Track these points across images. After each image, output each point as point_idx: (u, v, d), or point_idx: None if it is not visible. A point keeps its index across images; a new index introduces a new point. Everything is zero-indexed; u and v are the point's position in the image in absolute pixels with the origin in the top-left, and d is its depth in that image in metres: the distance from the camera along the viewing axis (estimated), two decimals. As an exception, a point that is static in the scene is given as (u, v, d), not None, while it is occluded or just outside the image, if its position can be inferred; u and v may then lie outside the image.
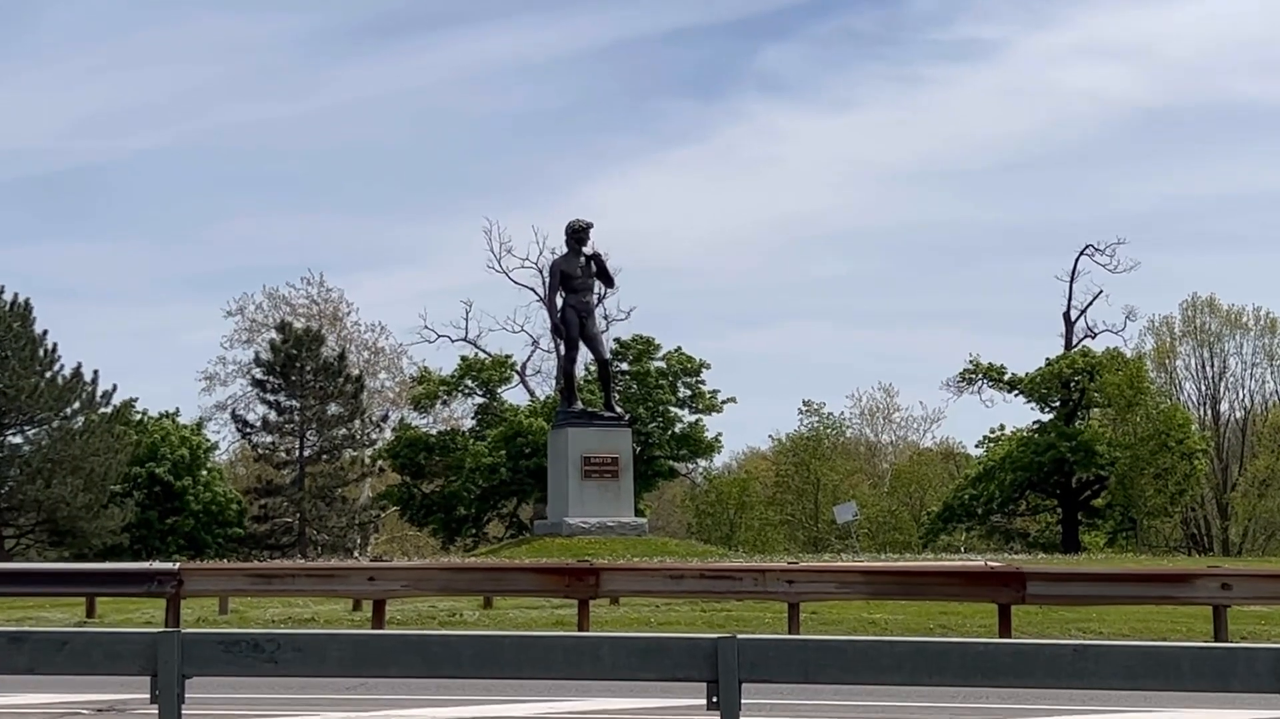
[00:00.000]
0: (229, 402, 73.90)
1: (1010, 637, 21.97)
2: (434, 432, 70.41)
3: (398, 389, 78.50)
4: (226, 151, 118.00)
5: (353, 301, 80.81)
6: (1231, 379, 75.29)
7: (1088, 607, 25.17)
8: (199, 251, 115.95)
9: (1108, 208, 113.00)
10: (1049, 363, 67.42)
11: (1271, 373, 75.94)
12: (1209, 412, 74.98)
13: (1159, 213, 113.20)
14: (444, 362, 78.02)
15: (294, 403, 61.37)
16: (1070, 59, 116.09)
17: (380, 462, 67.34)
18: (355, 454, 64.71)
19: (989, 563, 32.25)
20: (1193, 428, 67.04)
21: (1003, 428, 71.51)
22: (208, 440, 65.20)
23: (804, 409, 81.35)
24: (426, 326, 73.98)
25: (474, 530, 67.85)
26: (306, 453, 61.47)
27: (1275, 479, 73.82)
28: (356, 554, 61.93)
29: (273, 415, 62.18)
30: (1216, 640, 22.13)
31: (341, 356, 64.46)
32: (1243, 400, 76.06)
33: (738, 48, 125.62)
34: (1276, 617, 25.75)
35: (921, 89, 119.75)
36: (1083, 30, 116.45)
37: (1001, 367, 69.92)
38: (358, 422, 63.40)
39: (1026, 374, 68.21)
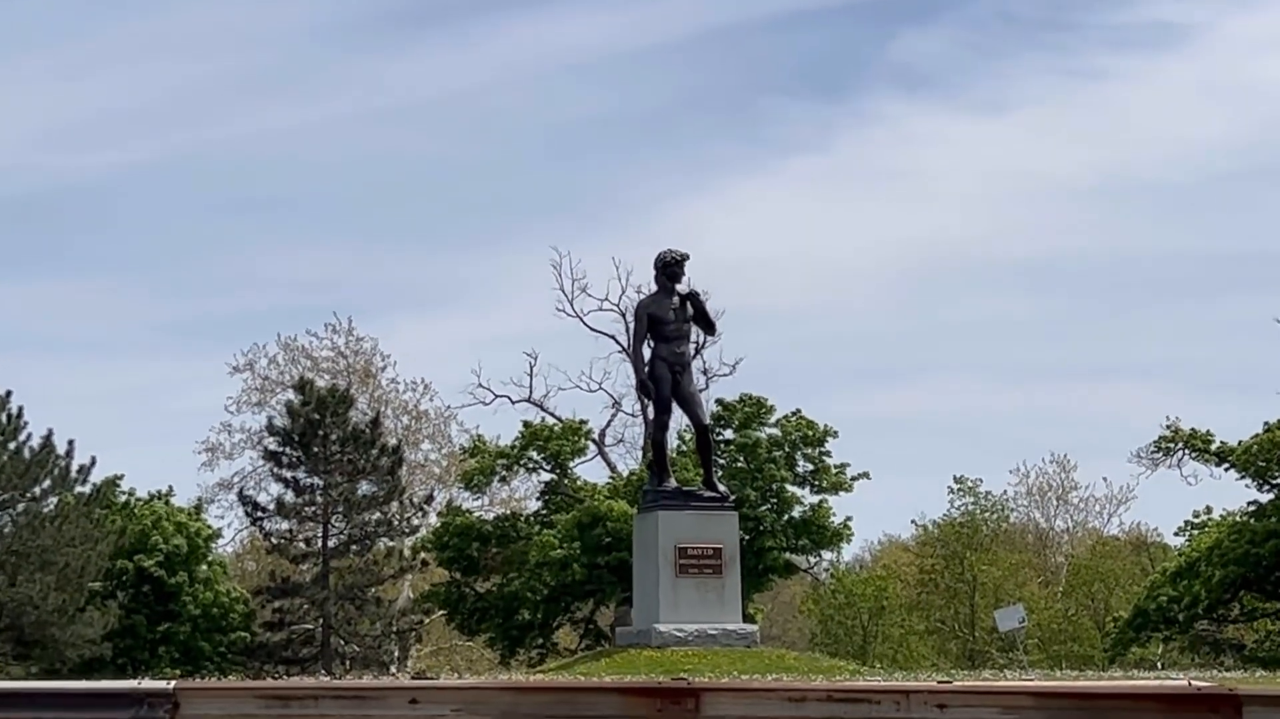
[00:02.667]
0: (235, 479, 74.74)
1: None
2: (490, 516, 70.67)
3: (445, 463, 79.03)
4: (230, 168, 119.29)
5: (389, 354, 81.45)
6: None
7: (1322, 739, 24.83)
8: (197, 292, 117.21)
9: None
10: (1268, 429, 66.89)
11: None
12: None
13: None
14: (503, 429, 78.72)
15: (316, 480, 61.75)
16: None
17: (423, 554, 67.62)
18: (392, 545, 65.05)
19: (1194, 682, 31.91)
20: None
21: (1210, 511, 71.02)
22: (209, 528, 65.82)
23: (955, 487, 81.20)
24: (481, 385, 74.40)
25: (540, 640, 67.96)
26: (331, 543, 61.79)
27: None
28: (395, 670, 62.18)
29: (290, 496, 62.57)
30: None
31: (375, 423, 64.85)
32: None
33: (866, 35, 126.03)
34: None
35: (1097, 85, 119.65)
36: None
37: (1208, 433, 69.37)
38: (395, 504, 63.71)
39: (1240, 443, 67.66)
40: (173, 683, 26.21)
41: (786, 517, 68.28)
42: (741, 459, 67.66)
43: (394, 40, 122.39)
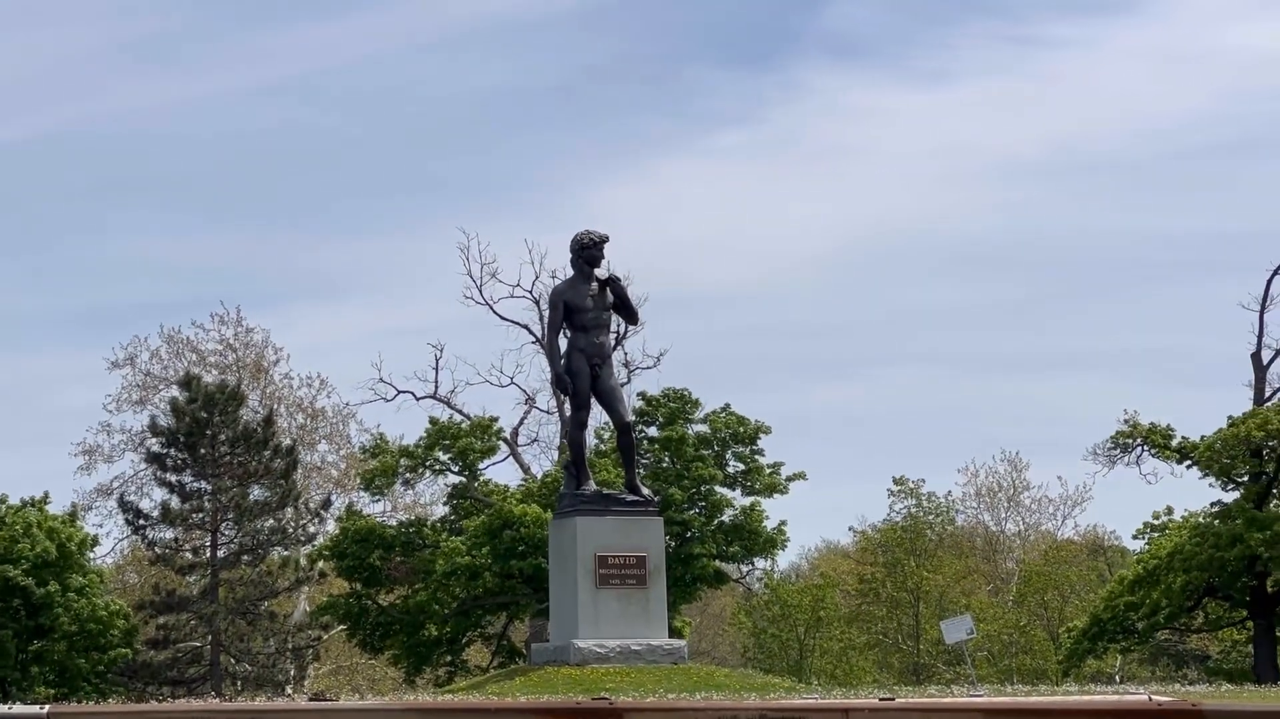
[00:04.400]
0: (115, 484, 74.37)
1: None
2: (393, 522, 70.55)
3: (344, 465, 78.86)
4: (110, 145, 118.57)
5: (282, 347, 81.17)
6: None
7: (1292, 757, 25.08)
8: (72, 280, 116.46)
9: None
10: (1233, 423, 67.38)
11: None
12: None
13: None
14: (406, 428, 78.45)
15: (203, 485, 61.54)
16: (1248, 13, 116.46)
17: (321, 564, 67.46)
18: (287, 554, 64.87)
19: (1154, 697, 32.15)
20: None
21: (1170, 512, 71.44)
22: (83, 532, 65.41)
23: (897, 489, 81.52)
24: (382, 380, 74.23)
25: (449, 658, 67.90)
26: (221, 553, 61.61)
27: None
28: (291, 691, 61.99)
29: (175, 502, 62.33)
30: None
31: (267, 422, 64.67)
32: None
33: (799, 1, 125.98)
34: None
35: (1047, 54, 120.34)
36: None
37: (1168, 428, 69.88)
38: (290, 510, 63.56)
39: (1203, 439, 68.16)
40: (46, 707, 26.13)
41: (716, 521, 68.38)
42: (667, 458, 67.70)
43: (289, 8, 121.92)
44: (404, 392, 74.03)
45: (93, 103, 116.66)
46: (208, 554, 61.78)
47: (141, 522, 64.13)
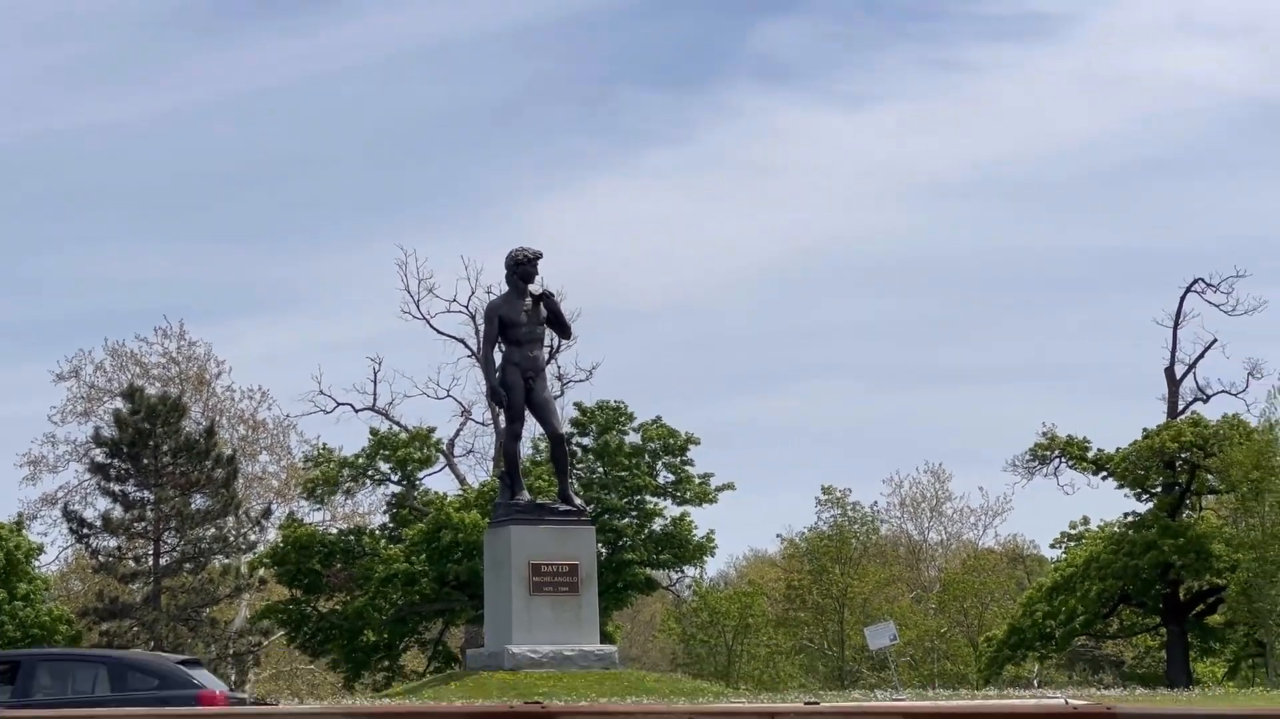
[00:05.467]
0: (60, 494, 73.91)
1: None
2: (333, 530, 70.34)
3: (285, 475, 78.56)
4: (55, 162, 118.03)
5: (224, 360, 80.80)
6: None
7: (1203, 759, 25.19)
8: (17, 293, 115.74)
9: (1223, 232, 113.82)
10: (1147, 435, 67.71)
11: None
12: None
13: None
14: (346, 438, 78.26)
15: (146, 494, 61.23)
16: (1162, 38, 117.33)
17: (261, 571, 67.22)
18: (228, 562, 64.62)
19: (1071, 701, 32.25)
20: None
21: (1086, 522, 71.69)
22: (30, 542, 65.05)
23: (824, 498, 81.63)
24: (322, 392, 73.91)
25: (387, 663, 67.72)
26: (163, 561, 61.32)
27: None
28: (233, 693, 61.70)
29: (118, 511, 62.02)
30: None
31: (209, 433, 64.40)
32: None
33: (726, 24, 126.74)
34: None
35: (967, 77, 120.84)
36: (1176, 2, 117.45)
37: (1084, 440, 70.18)
38: (231, 519, 63.30)
39: (1118, 450, 68.48)
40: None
41: (647, 530, 68.42)
42: (600, 468, 67.69)
43: (231, 30, 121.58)
44: (343, 404, 73.82)
45: (35, 121, 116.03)
46: (150, 562, 61.46)
47: (85, 530, 63.76)
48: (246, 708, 29.25)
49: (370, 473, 70.10)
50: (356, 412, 73.83)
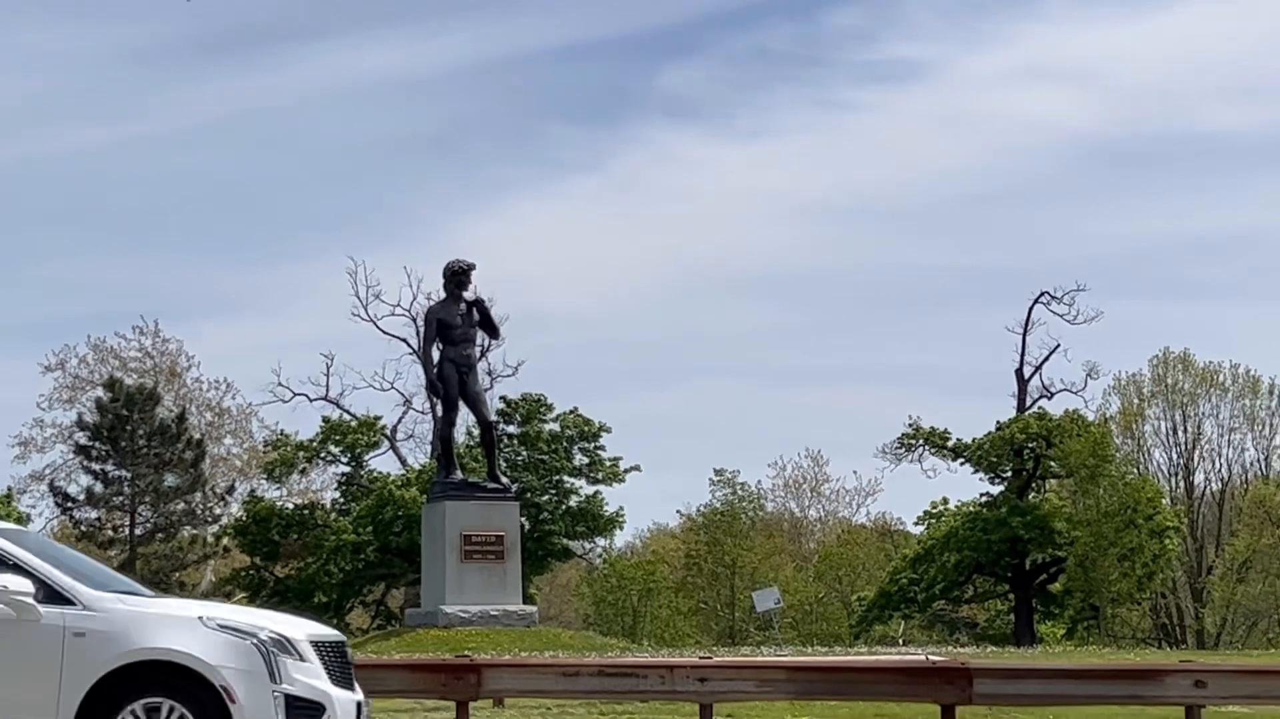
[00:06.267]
0: (47, 471, 73.10)
1: (955, 742, 22.14)
2: (290, 505, 70.04)
3: (247, 456, 78.05)
4: (43, 182, 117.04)
5: (193, 355, 79.98)
6: (1207, 446, 76.36)
7: (1044, 707, 25.40)
8: (10, 297, 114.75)
9: (1064, 250, 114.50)
10: (999, 427, 68.03)
11: (1252, 439, 77.08)
12: (1181, 484, 75.97)
13: (1124, 257, 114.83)
14: (302, 424, 77.84)
15: (124, 473, 60.84)
16: (1014, 82, 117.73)
17: (226, 541, 66.86)
18: (196, 532, 64.24)
19: (931, 657, 32.48)
20: (1163, 502, 67.93)
21: (946, 502, 71.94)
22: (19, 512, 64.48)
23: (717, 479, 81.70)
24: (280, 384, 73.48)
25: (335, 621, 67.34)
26: (138, 531, 60.93)
27: (1256, 560, 74.81)
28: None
29: (98, 487, 61.61)
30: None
31: (180, 418, 64.01)
32: (1219, 471, 77.13)
33: (637, 68, 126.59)
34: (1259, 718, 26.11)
35: (845, 115, 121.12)
36: (1027, 50, 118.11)
37: (945, 431, 70.43)
38: (199, 494, 62.96)
39: (974, 440, 68.76)
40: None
41: (564, 506, 68.37)
42: (524, 453, 67.65)
43: (197, 66, 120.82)
44: (299, 394, 73.41)
45: (28, 145, 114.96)
46: (126, 532, 61.07)
47: (69, 504, 63.41)
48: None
49: (322, 455, 69.87)
50: (311, 401, 73.53)
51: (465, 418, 45.68)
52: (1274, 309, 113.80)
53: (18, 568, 15.07)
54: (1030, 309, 72.97)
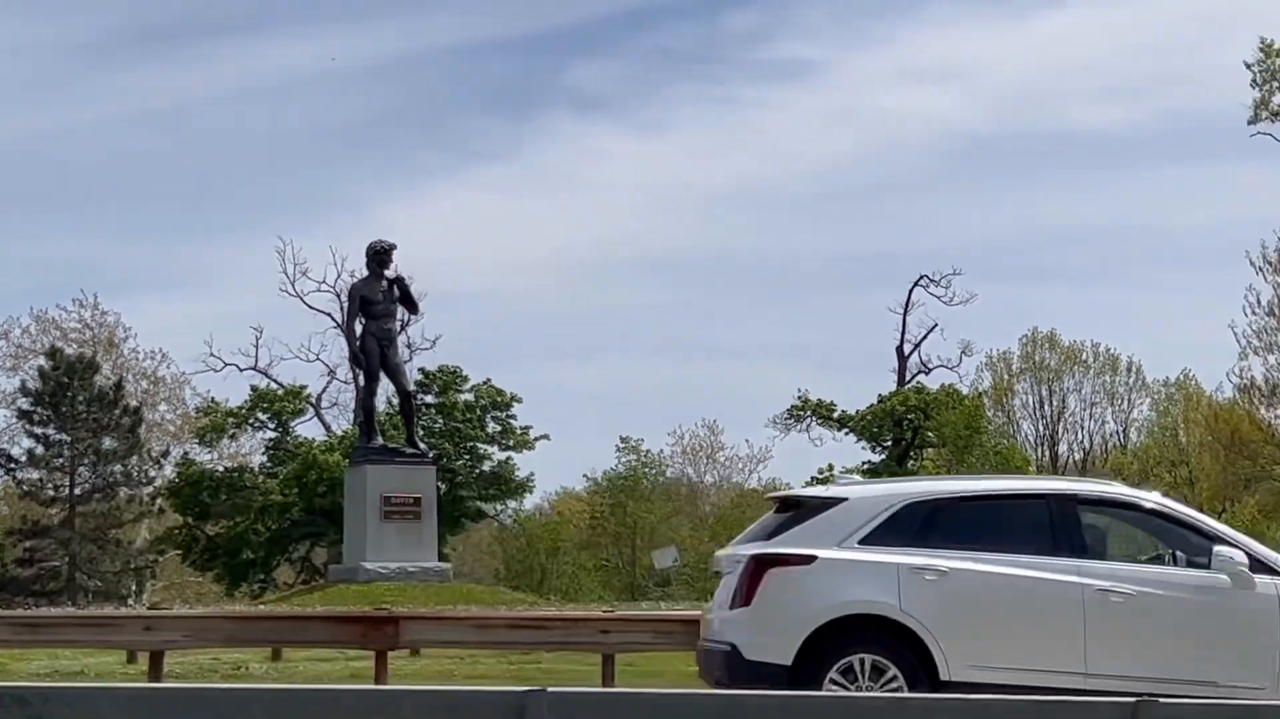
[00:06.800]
0: (-10, 434, 72.24)
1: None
2: (220, 468, 69.51)
3: (180, 422, 77.32)
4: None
5: (130, 327, 79.04)
6: (1070, 419, 77.02)
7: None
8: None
9: (942, 237, 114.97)
10: (881, 400, 68.44)
11: (1111, 412, 77.86)
12: (1047, 453, 76.58)
13: (997, 244, 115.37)
14: (232, 392, 76.79)
15: (64, 436, 60.25)
16: (897, 81, 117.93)
17: (160, 501, 66.30)
18: (132, 493, 63.66)
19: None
20: (1030, 470, 68.41)
21: (831, 468, 72.24)
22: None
23: (621, 446, 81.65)
24: (212, 354, 72.81)
25: (262, 576, 67.01)
26: (77, 491, 60.35)
27: (1115, 524, 75.56)
28: (132, 602, 60.85)
29: (40, 449, 60.99)
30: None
31: (118, 386, 63.42)
32: (1081, 441, 77.83)
33: (547, 64, 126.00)
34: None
35: (740, 110, 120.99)
36: (907, 51, 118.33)
37: (831, 403, 70.77)
38: (135, 457, 62.41)
39: (857, 412, 69.14)
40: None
41: (478, 471, 68.25)
42: (440, 420, 67.43)
43: (134, 57, 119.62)
44: (230, 364, 72.71)
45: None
46: (66, 492, 60.49)
47: (12, 465, 62.82)
48: (147, 612, 28.91)
49: (251, 421, 69.45)
50: (240, 371, 72.90)
51: (386, 388, 45.44)
52: (1133, 293, 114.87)
53: (1223, 539, 15.18)
54: (910, 291, 73.39)
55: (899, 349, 73.20)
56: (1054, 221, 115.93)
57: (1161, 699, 9.16)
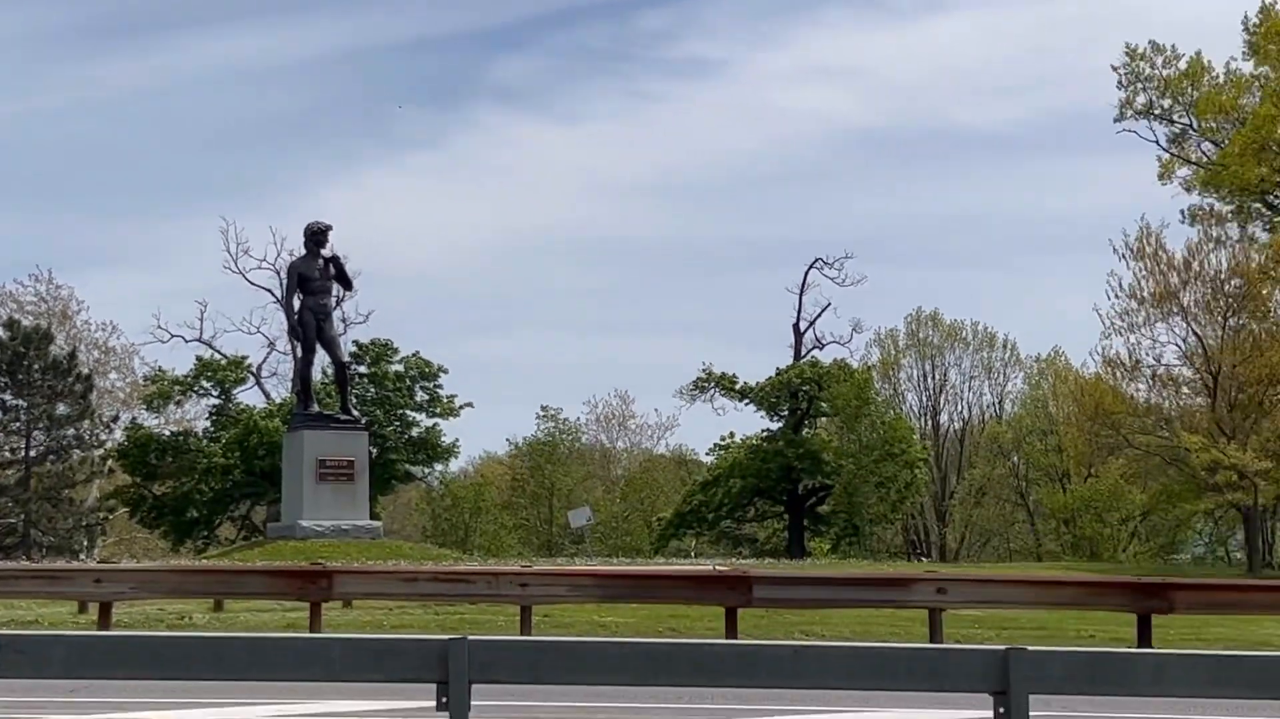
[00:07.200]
0: (-49, 400, 71.25)
1: (737, 638, 22.30)
2: (166, 433, 68.94)
3: (129, 389, 76.57)
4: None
5: (83, 300, 78.10)
6: (951, 391, 77.67)
7: (811, 609, 25.68)
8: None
9: (835, 224, 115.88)
10: (779, 373, 68.59)
11: (988, 386, 78.56)
12: (930, 422, 77.16)
13: (886, 230, 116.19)
14: (178, 362, 76.17)
15: (20, 402, 59.50)
16: (794, 79, 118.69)
17: (110, 463, 65.67)
18: (84, 455, 62.98)
19: (717, 567, 32.72)
20: (914, 438, 68.89)
21: (733, 435, 72.48)
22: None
23: (541, 414, 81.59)
24: (160, 326, 72.07)
25: (205, 533, 66.57)
26: (33, 453, 59.64)
27: (990, 487, 76.37)
28: (83, 557, 60.28)
29: (-2, 414, 60.18)
30: (932, 642, 22.75)
31: (71, 355, 62.67)
32: (961, 412, 78.55)
33: (473, 59, 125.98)
34: (990, 620, 26.58)
35: (651, 104, 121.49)
36: (803, 53, 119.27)
37: (733, 376, 70.82)
38: (87, 421, 61.73)
39: (757, 383, 69.25)
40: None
41: (407, 436, 67.98)
42: (372, 389, 67.13)
43: (89, 48, 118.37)
44: (176, 336, 71.97)
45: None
46: (23, 454, 59.81)
47: (-30, 429, 61.94)
48: (97, 565, 28.65)
49: (196, 389, 68.93)
50: (186, 342, 72.21)
51: (322, 359, 45.14)
52: (1009, 276, 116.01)
53: None
54: (805, 273, 73.38)
55: (795, 326, 73.33)
56: (938, 210, 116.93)
57: (1030, 649, 9.22)
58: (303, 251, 41.67)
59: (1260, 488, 48.46)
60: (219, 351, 70.98)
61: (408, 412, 67.91)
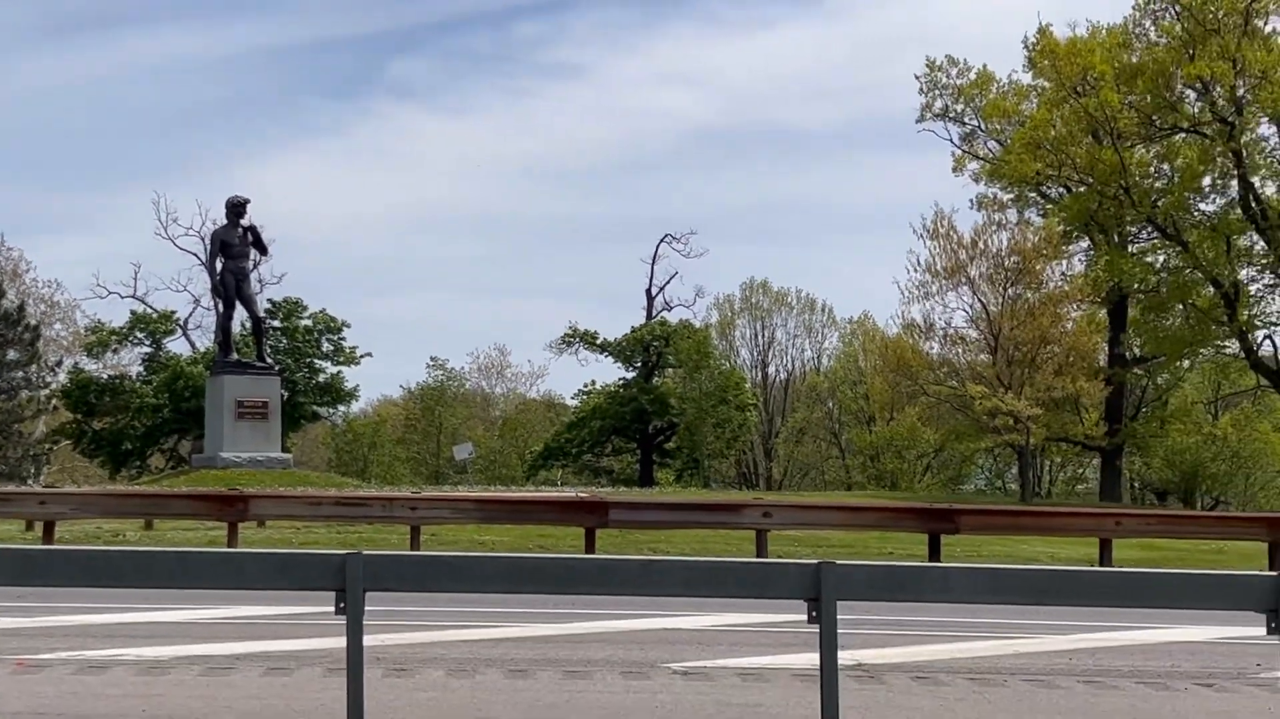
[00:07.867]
0: (-88, 346, 69.18)
1: (595, 554, 22.38)
2: (104, 376, 67.73)
3: (72, 338, 74.98)
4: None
5: (31, 260, 76.69)
6: (778, 348, 78.40)
7: (659, 530, 25.84)
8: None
9: (683, 206, 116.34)
10: (633, 330, 68.82)
11: (809, 343, 79.44)
12: (760, 373, 77.82)
13: (726, 211, 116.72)
14: (115, 316, 74.83)
15: (-26, 349, 58.05)
16: (647, 83, 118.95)
17: (55, 401, 64.29)
18: (31, 394, 61.60)
19: (579, 494, 32.80)
20: (746, 386, 69.48)
21: (594, 383, 72.76)
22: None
23: (431, 364, 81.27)
24: (99, 284, 71.25)
25: (138, 463, 65.54)
26: (-15, 393, 58.24)
27: (809, 429, 77.27)
28: (30, 482, 59.01)
29: (-46, 359, 58.62)
30: (759, 557, 23.00)
31: (20, 308, 61.17)
32: (786, 365, 79.34)
33: (373, 58, 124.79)
34: (806, 539, 26.92)
35: (529, 101, 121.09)
36: (657, 60, 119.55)
37: (595, 332, 70.98)
38: (34, 366, 60.39)
39: (615, 339, 69.46)
40: None
41: (314, 381, 67.29)
42: (285, 341, 66.31)
43: (35, 44, 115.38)
44: (113, 292, 70.78)
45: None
46: (-23, 393, 58.38)
47: (-69, 371, 60.30)
48: (42, 489, 28.05)
49: (131, 339, 67.82)
50: (122, 298, 70.99)
51: (240, 314, 44.42)
52: (827, 252, 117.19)
53: None
54: (657, 247, 73.61)
55: (648, 291, 73.62)
56: (769, 195, 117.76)
57: (838, 563, 9.37)
58: (224, 221, 41.00)
59: (1031, 430, 49.45)
60: (151, 307, 69.84)
61: (315, 360, 67.21)
